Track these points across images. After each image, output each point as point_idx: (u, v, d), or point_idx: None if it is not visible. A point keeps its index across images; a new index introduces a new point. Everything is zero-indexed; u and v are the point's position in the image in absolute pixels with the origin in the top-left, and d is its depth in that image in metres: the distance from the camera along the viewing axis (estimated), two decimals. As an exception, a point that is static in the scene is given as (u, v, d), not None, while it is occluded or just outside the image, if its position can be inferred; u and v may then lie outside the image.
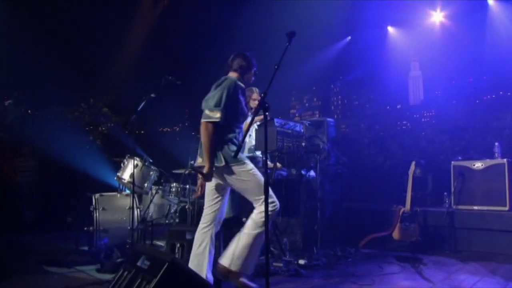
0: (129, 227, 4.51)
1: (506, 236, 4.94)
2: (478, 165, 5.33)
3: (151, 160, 5.03)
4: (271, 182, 4.47)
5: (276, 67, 2.66)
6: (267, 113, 2.56)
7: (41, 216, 6.74)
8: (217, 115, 3.07)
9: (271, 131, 4.59)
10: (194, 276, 2.45)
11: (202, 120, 3.09)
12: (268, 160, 5.16)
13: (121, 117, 7.76)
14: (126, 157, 4.88)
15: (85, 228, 4.61)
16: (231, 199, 4.75)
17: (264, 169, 2.64)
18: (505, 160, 5.18)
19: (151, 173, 4.90)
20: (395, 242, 5.16)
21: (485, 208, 5.17)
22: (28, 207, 6.78)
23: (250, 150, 5.02)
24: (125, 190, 5.17)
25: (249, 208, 4.77)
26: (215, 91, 3.17)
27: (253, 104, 5.14)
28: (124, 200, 4.80)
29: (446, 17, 9.11)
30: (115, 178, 4.89)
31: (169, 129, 10.55)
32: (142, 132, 8.47)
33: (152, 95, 4.65)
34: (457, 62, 9.06)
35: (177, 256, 3.73)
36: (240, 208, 4.73)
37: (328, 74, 11.33)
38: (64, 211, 6.58)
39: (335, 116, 10.27)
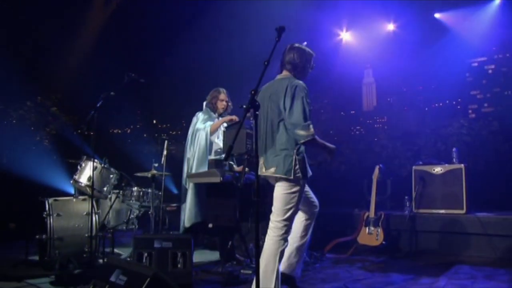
0: (86, 235, 4.17)
1: (464, 238, 5.12)
2: (438, 169, 5.49)
3: (103, 164, 4.67)
4: (240, 186, 4.33)
5: (266, 63, 2.52)
6: (257, 112, 2.41)
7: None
8: (311, 131, 2.93)
9: (241, 132, 4.44)
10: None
11: (301, 141, 2.94)
12: (234, 163, 5.04)
13: (71, 117, 7.27)
14: (83, 158, 4.52)
15: (37, 236, 4.19)
16: (198, 205, 4.57)
17: (255, 173, 2.48)
18: (462, 165, 5.37)
19: (111, 176, 4.57)
20: (360, 246, 5.17)
21: (444, 211, 5.33)
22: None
23: (216, 153, 4.84)
24: (78, 195, 4.78)
25: (215, 214, 4.61)
26: (291, 102, 2.95)
27: (221, 105, 4.98)
28: (80, 205, 4.43)
29: (399, 28, 9.44)
30: (71, 181, 4.52)
31: (119, 131, 10.06)
32: (92, 133, 8.01)
33: (112, 93, 4.38)
34: (408, 70, 9.40)
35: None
36: (206, 213, 4.55)
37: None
38: (6, 218, 6.01)
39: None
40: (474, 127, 8.27)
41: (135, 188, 4.64)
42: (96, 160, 4.33)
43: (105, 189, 4.50)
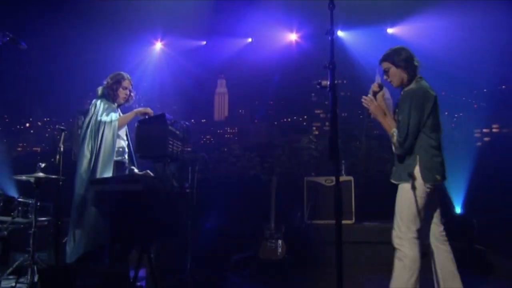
0: None
1: (353, 247, 5.31)
2: (329, 181, 5.60)
3: None
4: (162, 196, 3.50)
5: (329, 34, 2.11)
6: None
7: None
8: None
9: (162, 130, 3.64)
10: None
11: None
12: (135, 167, 4.13)
13: None
14: None
15: None
16: (103, 220, 3.53)
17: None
18: (351, 177, 5.62)
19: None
20: (262, 261, 4.84)
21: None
22: None
23: (118, 153, 3.86)
24: None
25: (126, 232, 3.63)
26: None
27: (122, 93, 4.02)
28: None
29: (255, 41, 9.61)
30: None
31: None
32: None
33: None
34: (261, 84, 9.67)
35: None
36: (114, 231, 3.52)
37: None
38: None
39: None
40: (321, 143, 8.98)
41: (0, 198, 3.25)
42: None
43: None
